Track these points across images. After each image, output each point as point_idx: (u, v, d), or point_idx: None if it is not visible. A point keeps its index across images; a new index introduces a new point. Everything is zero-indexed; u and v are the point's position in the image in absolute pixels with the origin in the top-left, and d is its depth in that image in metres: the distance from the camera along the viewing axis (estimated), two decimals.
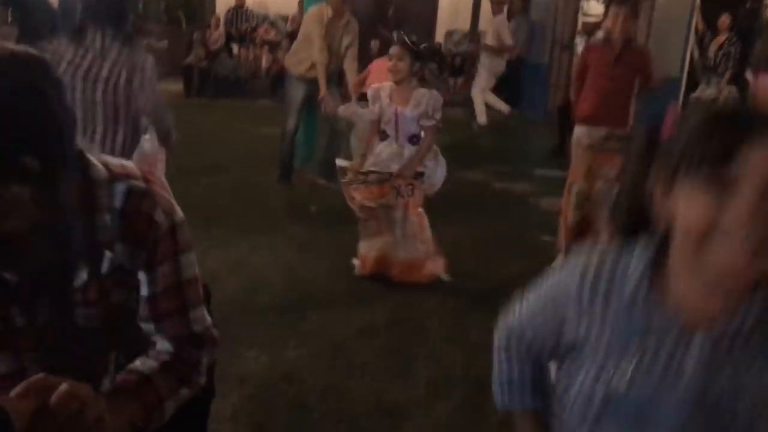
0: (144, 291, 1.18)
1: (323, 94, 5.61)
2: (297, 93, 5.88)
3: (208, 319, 1.28)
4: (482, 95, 10.00)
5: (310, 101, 5.83)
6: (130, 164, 1.18)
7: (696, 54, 9.54)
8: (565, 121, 8.05)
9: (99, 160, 1.13)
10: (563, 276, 1.06)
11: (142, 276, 1.17)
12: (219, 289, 3.16)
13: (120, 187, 1.10)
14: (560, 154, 7.94)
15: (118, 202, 1.10)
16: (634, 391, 0.96)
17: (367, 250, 4.05)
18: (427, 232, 4.06)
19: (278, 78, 10.10)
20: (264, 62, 12.14)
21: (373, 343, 3.35)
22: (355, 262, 4.11)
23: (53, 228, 1.00)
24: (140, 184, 1.13)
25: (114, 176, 1.11)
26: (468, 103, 12.24)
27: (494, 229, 5.19)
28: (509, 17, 12.71)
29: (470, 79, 13.11)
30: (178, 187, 1.31)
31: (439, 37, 14.27)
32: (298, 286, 3.96)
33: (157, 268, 1.16)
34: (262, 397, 2.84)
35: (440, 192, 4.26)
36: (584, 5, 12.56)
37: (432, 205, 5.71)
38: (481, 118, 9.62)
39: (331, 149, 5.97)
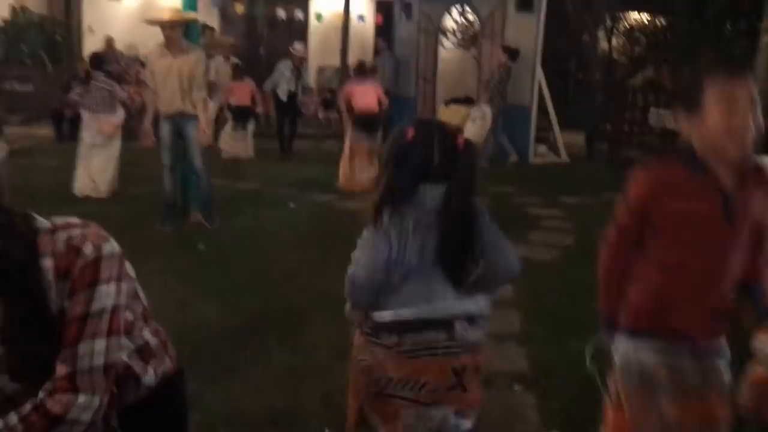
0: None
1: (144, 127, 6.37)
2: (163, 130, 6.15)
3: (100, 359, 1.33)
4: None
5: (180, 137, 6.11)
6: (74, 219, 1.39)
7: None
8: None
9: (50, 220, 1.36)
10: None
11: (66, 305, 1.29)
12: None
13: (61, 236, 1.32)
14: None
15: (59, 247, 1.30)
16: None
17: None
18: None
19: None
20: (139, 102, 12.09)
21: (267, 368, 3.69)
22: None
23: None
24: (78, 229, 1.35)
25: (56, 228, 1.34)
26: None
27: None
28: (375, 54, 13.48)
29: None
30: None
31: (312, 72, 14.80)
32: (191, 321, 4.20)
33: (72, 297, 1.28)
34: None
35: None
36: (443, 42, 13.51)
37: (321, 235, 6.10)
38: None
39: (198, 188, 6.29)
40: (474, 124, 10.15)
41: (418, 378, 2.05)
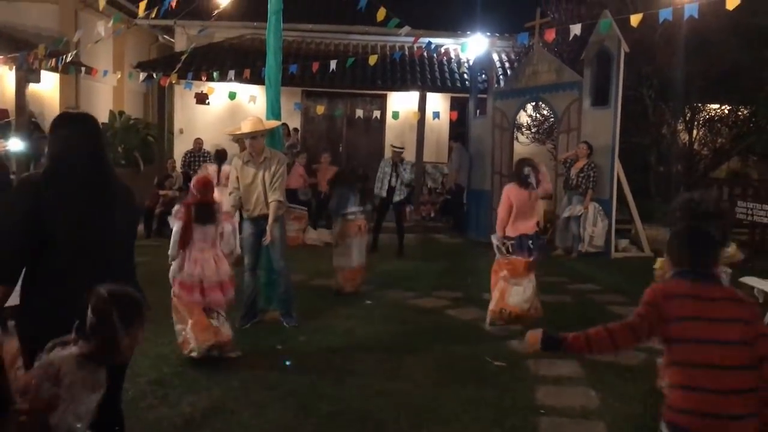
0: None
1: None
2: (246, 231, 6.31)
3: None
4: None
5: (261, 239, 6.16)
6: None
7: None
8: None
9: None
10: None
11: None
12: None
13: None
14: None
15: None
16: None
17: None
18: None
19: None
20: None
21: None
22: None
23: None
24: None
25: None
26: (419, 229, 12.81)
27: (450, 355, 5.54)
28: (450, 150, 13.77)
29: (419, 205, 13.84)
30: (150, 328, 1.61)
31: None
32: (269, 427, 4.16)
33: None
34: None
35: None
36: (518, 137, 13.64)
37: (394, 334, 6.05)
38: None
39: (277, 287, 6.39)
40: (603, 222, 10.26)
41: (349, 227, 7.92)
